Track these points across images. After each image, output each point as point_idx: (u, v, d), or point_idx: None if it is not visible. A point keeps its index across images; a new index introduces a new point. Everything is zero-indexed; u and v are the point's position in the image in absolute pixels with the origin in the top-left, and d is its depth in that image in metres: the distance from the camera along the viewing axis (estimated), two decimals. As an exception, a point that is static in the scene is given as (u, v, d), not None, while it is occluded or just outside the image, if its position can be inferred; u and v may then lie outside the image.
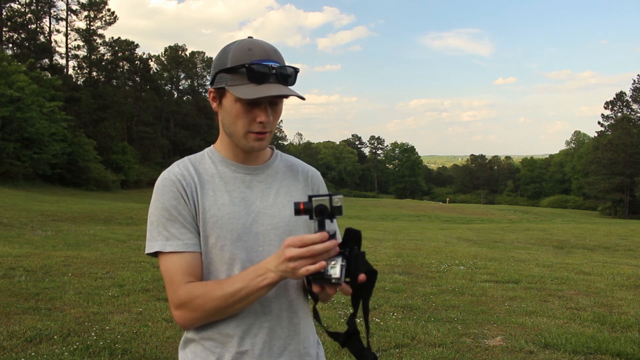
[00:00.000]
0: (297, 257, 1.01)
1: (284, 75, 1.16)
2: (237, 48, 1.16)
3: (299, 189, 1.32)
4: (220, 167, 1.26)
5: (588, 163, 65.43)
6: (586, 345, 3.92)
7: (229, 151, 1.27)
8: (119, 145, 51.11)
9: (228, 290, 1.11)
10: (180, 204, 1.19)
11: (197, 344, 1.23)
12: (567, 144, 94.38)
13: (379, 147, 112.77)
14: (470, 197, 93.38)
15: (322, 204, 1.04)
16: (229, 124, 1.20)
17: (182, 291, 1.15)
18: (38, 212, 16.26)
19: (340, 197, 1.05)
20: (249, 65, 1.13)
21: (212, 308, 1.13)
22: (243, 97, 1.12)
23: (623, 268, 8.15)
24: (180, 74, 72.58)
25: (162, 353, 3.67)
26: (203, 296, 1.13)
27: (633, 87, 66.22)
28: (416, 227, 19.88)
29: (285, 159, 1.36)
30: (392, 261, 8.16)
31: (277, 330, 1.22)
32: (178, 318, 1.17)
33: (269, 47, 1.17)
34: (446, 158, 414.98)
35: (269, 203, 1.25)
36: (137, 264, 7.15)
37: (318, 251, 1.01)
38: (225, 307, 1.13)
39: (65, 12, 52.92)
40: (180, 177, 1.21)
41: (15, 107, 31.98)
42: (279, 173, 1.31)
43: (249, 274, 1.11)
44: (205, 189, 1.22)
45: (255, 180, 1.26)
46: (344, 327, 4.29)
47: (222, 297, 1.12)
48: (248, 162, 1.27)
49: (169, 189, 1.20)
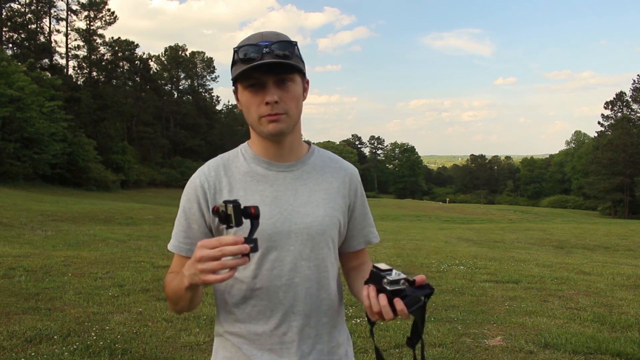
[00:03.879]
0: (207, 258, 0.95)
1: (277, 49, 1.11)
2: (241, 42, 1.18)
3: (335, 187, 1.28)
4: (252, 165, 1.24)
5: (588, 163, 65.40)
6: (586, 345, 3.92)
7: (260, 147, 1.24)
8: (119, 145, 51.10)
9: (171, 287, 1.17)
10: (192, 208, 1.21)
11: (226, 340, 1.24)
12: (567, 144, 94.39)
13: (379, 147, 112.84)
14: (470, 197, 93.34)
15: (222, 208, 1.01)
16: (246, 115, 1.19)
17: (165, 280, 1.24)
18: (38, 212, 16.25)
19: (232, 206, 0.99)
20: (238, 48, 1.13)
21: (170, 299, 1.19)
22: (234, 76, 1.14)
23: (623, 268, 8.14)
24: (180, 74, 72.61)
25: (162, 353, 3.66)
26: (165, 286, 1.22)
27: (633, 87, 66.20)
28: (416, 227, 19.88)
29: (323, 155, 1.33)
30: (392, 261, 8.16)
31: (306, 329, 1.21)
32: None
33: (268, 33, 1.15)
34: (446, 158, 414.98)
35: (303, 201, 1.22)
36: (137, 264, 7.15)
37: (229, 252, 0.94)
38: (174, 301, 1.17)
39: (65, 12, 53.02)
40: (204, 179, 1.22)
41: (15, 107, 31.94)
42: (315, 169, 1.27)
43: (177, 276, 1.13)
44: (236, 188, 1.21)
45: (290, 177, 1.23)
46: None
47: (170, 291, 1.17)
48: (281, 158, 1.24)
49: (188, 191, 1.23)
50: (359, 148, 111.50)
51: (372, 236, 1.37)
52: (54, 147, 35.74)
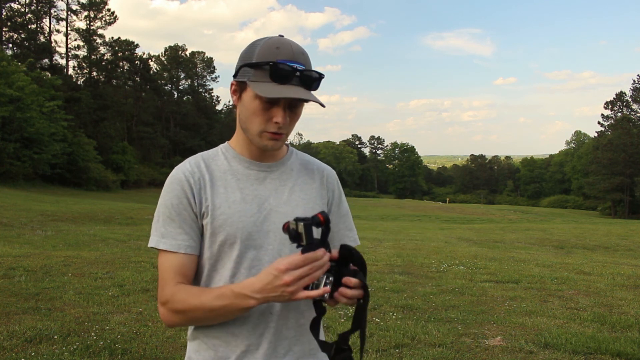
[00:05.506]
0: (297, 279, 1.00)
1: (308, 78, 1.13)
2: (265, 44, 1.14)
3: (314, 187, 1.30)
4: (233, 164, 1.24)
5: (588, 163, 65.39)
6: (586, 345, 3.92)
7: (244, 147, 1.25)
8: (119, 145, 51.10)
9: (207, 305, 1.11)
10: (181, 204, 1.18)
11: (201, 341, 1.22)
12: (567, 144, 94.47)
13: (379, 147, 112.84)
14: (470, 197, 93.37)
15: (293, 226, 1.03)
16: (245, 119, 1.18)
17: (167, 290, 1.15)
18: (38, 212, 16.26)
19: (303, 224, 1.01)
20: (273, 63, 1.10)
21: (191, 317, 1.14)
22: (262, 94, 1.09)
23: (623, 268, 8.15)
24: (180, 74, 72.61)
25: (162, 353, 3.66)
26: (182, 302, 1.13)
27: (633, 87, 66.19)
28: (416, 227, 19.88)
29: (301, 157, 1.34)
30: (392, 261, 8.16)
31: (283, 330, 1.20)
32: (161, 314, 1.18)
33: (297, 49, 1.14)
34: (446, 158, 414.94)
35: (282, 200, 1.23)
36: (137, 264, 7.15)
37: (318, 267, 1.00)
38: (202, 319, 1.14)
39: (65, 12, 52.97)
40: (189, 174, 1.20)
41: (15, 107, 31.95)
42: (294, 170, 1.29)
43: (229, 296, 1.09)
44: (217, 186, 1.21)
45: (270, 177, 1.24)
46: (344, 327, 4.29)
47: (200, 309, 1.11)
48: (262, 158, 1.25)
49: (174, 186, 1.19)
50: (359, 148, 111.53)
51: (347, 239, 1.34)
52: (54, 147, 35.75)
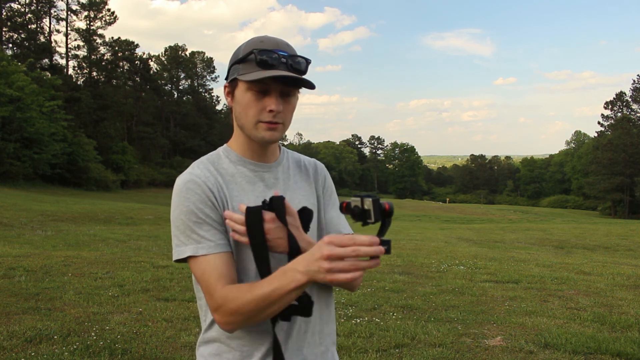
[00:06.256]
0: (337, 256, 0.92)
1: (294, 64, 1.15)
2: (250, 40, 1.19)
3: (309, 183, 1.33)
4: (239, 167, 1.24)
5: (588, 163, 65.44)
6: (586, 345, 3.92)
7: (244, 148, 1.25)
8: (119, 145, 51.11)
9: (258, 294, 1.06)
10: (207, 207, 1.16)
11: (222, 343, 1.21)
12: (567, 144, 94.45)
13: (379, 147, 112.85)
14: (470, 197, 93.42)
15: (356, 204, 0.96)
16: (240, 115, 1.20)
17: (217, 295, 1.12)
18: (38, 212, 16.26)
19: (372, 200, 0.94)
20: (258, 51, 1.14)
21: (246, 311, 1.09)
22: (250, 79, 1.12)
23: (623, 268, 8.15)
24: (180, 74, 72.64)
25: (162, 353, 3.66)
26: (235, 300, 1.10)
27: (633, 87, 66.23)
28: (416, 227, 19.89)
29: (292, 155, 1.37)
30: (392, 261, 8.16)
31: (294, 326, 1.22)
32: (218, 321, 1.14)
33: (281, 41, 1.19)
34: (446, 158, 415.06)
35: (288, 199, 1.23)
36: (137, 264, 7.15)
37: (364, 253, 0.91)
38: (258, 311, 1.09)
39: (65, 12, 53.04)
40: (204, 179, 1.19)
41: (15, 107, 31.99)
42: (290, 168, 1.32)
43: (277, 277, 1.05)
44: (231, 188, 1.21)
45: (272, 177, 1.26)
46: (344, 327, 4.29)
47: (253, 301, 1.08)
48: (263, 158, 1.26)
49: (194, 191, 1.16)
50: (359, 148, 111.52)
51: (342, 229, 1.34)
52: (54, 147, 35.78)
